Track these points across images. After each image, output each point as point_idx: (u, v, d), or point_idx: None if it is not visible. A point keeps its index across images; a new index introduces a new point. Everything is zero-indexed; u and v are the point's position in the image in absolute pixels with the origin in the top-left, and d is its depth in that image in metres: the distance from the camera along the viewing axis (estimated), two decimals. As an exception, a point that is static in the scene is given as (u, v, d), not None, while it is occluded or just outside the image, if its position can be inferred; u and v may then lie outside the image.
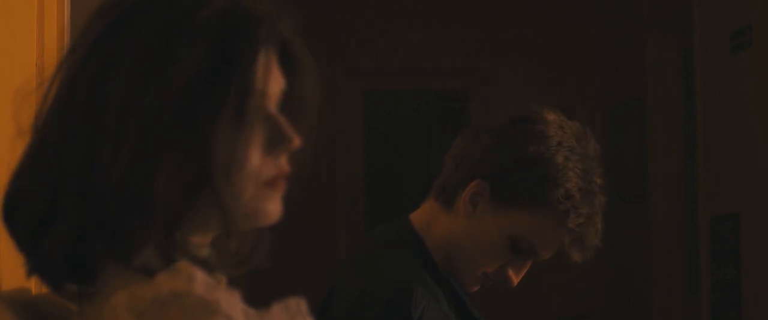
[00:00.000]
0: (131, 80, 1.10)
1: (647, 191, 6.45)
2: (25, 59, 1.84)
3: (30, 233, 1.12)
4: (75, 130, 1.11)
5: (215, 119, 1.10)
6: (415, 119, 7.52)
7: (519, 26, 7.10)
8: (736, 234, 4.63)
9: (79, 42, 1.15)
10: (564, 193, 2.03)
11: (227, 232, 1.15)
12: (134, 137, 1.09)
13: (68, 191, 1.10)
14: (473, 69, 7.16)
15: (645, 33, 6.44)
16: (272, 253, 1.23)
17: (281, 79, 1.18)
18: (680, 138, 6.37)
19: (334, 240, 6.90)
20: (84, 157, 1.10)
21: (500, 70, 7.08)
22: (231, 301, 1.08)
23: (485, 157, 2.06)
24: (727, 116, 4.73)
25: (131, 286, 1.08)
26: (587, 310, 6.98)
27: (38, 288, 1.21)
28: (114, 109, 1.09)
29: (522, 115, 2.09)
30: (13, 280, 1.43)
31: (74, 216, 1.10)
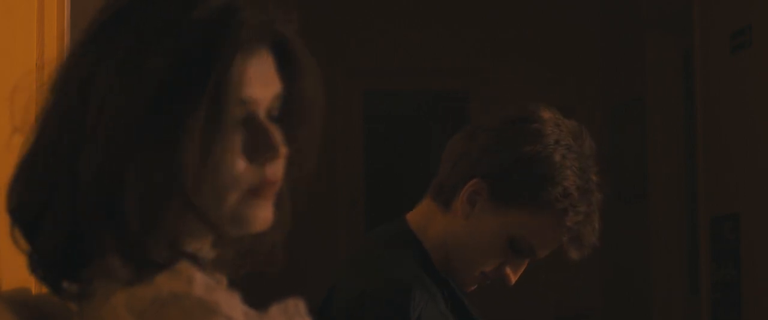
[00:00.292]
0: (110, 80, 1.09)
1: (647, 191, 6.45)
2: (25, 59, 1.84)
3: (27, 232, 1.12)
4: (64, 129, 1.11)
5: (186, 124, 1.08)
6: (415, 119, 7.52)
7: (519, 26, 7.10)
8: (736, 234, 4.63)
9: (77, 41, 1.15)
10: (562, 192, 2.03)
11: (216, 237, 1.14)
12: (106, 139, 1.08)
13: (58, 190, 1.10)
14: (473, 69, 7.16)
15: (645, 33, 6.44)
16: (277, 258, 1.22)
17: (277, 83, 1.15)
18: (680, 138, 6.36)
19: (334, 240, 6.90)
20: (71, 157, 1.10)
21: (500, 70, 7.08)
22: (231, 302, 1.08)
23: (483, 157, 2.06)
24: (727, 116, 4.73)
25: (131, 286, 1.08)
26: (586, 310, 6.98)
27: (38, 288, 1.21)
28: (94, 109, 1.09)
29: (518, 115, 2.09)
30: (13, 280, 1.43)
31: (64, 216, 1.10)
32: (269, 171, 1.13)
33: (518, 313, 6.58)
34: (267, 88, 1.14)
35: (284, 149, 1.14)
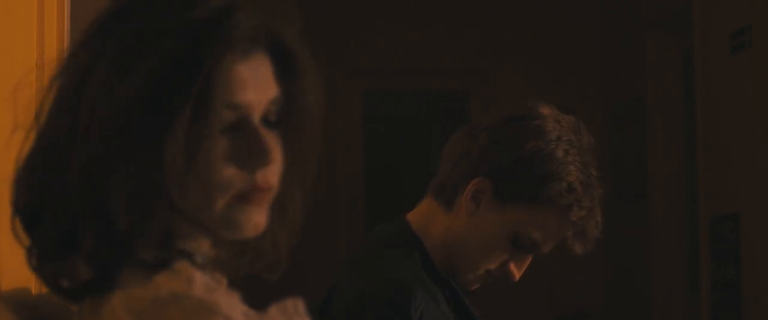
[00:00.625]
0: (104, 79, 1.09)
1: (647, 191, 6.45)
2: (25, 59, 1.84)
3: (27, 226, 1.12)
4: (61, 127, 1.11)
5: (169, 127, 1.07)
6: (415, 119, 7.53)
7: (519, 26, 7.10)
8: (736, 234, 4.63)
9: (77, 40, 1.15)
10: (567, 187, 2.04)
11: (209, 238, 1.14)
12: (97, 138, 1.08)
13: (54, 188, 1.10)
14: (473, 69, 7.16)
15: (645, 33, 6.44)
16: (278, 264, 1.21)
17: (274, 87, 1.14)
18: (680, 138, 6.36)
19: (334, 240, 6.90)
20: (66, 155, 1.10)
21: (500, 70, 7.08)
22: (230, 302, 1.07)
23: (485, 156, 2.06)
24: (727, 116, 4.72)
25: (131, 287, 1.08)
26: (587, 309, 6.98)
27: (38, 288, 1.21)
28: (87, 108, 1.09)
29: (518, 112, 2.09)
30: (13, 280, 1.43)
31: (59, 213, 1.10)
32: (260, 177, 1.11)
33: (519, 313, 6.58)
34: (262, 92, 1.13)
35: (277, 155, 1.13)
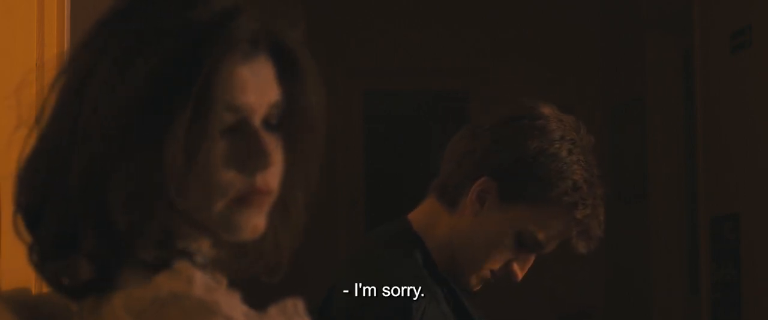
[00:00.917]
0: (105, 79, 1.09)
1: (647, 191, 6.45)
2: (25, 59, 1.84)
3: (29, 223, 1.12)
4: (64, 127, 1.11)
5: (169, 127, 1.06)
6: (415, 119, 7.52)
7: (519, 26, 7.10)
8: (736, 234, 4.63)
9: (80, 39, 1.15)
10: (572, 185, 2.04)
11: (209, 239, 1.14)
12: (98, 137, 1.08)
13: (55, 187, 1.10)
14: (473, 69, 7.16)
15: (645, 33, 6.44)
16: (280, 268, 1.21)
17: (275, 90, 1.13)
18: (680, 138, 6.36)
19: (334, 240, 6.90)
20: (68, 154, 1.10)
21: (500, 70, 7.08)
22: (231, 302, 1.07)
23: (489, 155, 2.07)
24: (727, 116, 4.72)
25: (131, 287, 1.08)
26: (587, 309, 6.98)
27: (38, 288, 1.21)
28: (89, 108, 1.09)
29: (520, 112, 2.10)
30: (13, 280, 1.43)
31: (60, 212, 1.10)
32: (260, 180, 1.11)
33: (521, 313, 6.58)
34: (263, 95, 1.12)
35: (277, 158, 1.13)
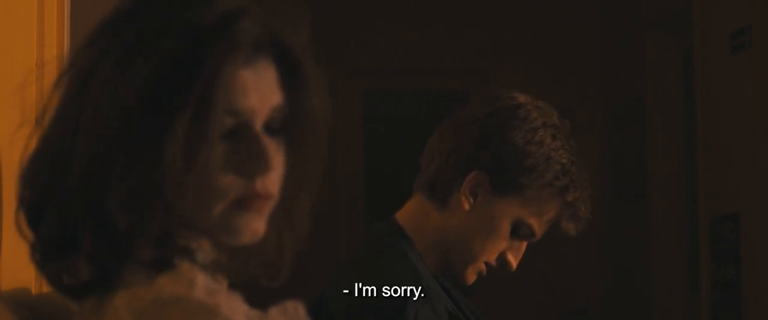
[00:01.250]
0: (106, 79, 1.09)
1: (647, 191, 6.45)
2: (25, 59, 1.84)
3: (31, 221, 1.12)
4: (66, 126, 1.11)
5: (169, 128, 1.06)
6: (415, 119, 7.52)
7: (519, 26, 7.10)
8: (736, 234, 4.63)
9: (83, 39, 1.15)
10: (561, 170, 2.07)
11: (210, 242, 1.14)
12: (98, 137, 1.08)
13: (57, 186, 1.10)
14: (473, 69, 7.16)
15: (645, 33, 6.44)
16: (281, 272, 1.20)
17: (277, 94, 1.13)
18: (680, 138, 6.36)
19: (334, 240, 6.90)
20: (69, 154, 1.10)
21: (500, 70, 7.08)
22: (232, 304, 1.07)
23: (477, 149, 2.08)
24: (727, 116, 4.72)
25: (133, 287, 1.08)
26: (587, 309, 6.98)
27: (38, 288, 1.21)
28: (90, 108, 1.09)
29: (499, 103, 2.10)
30: (13, 280, 1.43)
31: (61, 211, 1.10)
32: (259, 184, 1.11)
33: (520, 313, 6.58)
34: (265, 99, 1.12)
35: (278, 162, 1.12)
